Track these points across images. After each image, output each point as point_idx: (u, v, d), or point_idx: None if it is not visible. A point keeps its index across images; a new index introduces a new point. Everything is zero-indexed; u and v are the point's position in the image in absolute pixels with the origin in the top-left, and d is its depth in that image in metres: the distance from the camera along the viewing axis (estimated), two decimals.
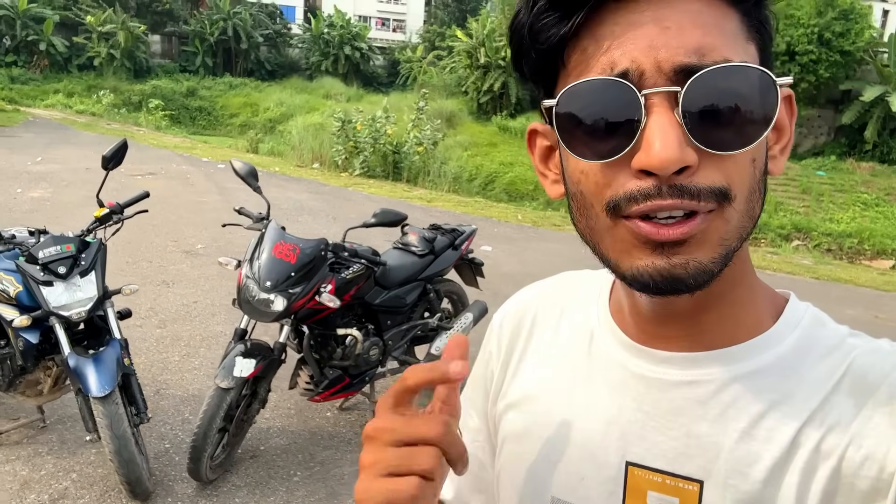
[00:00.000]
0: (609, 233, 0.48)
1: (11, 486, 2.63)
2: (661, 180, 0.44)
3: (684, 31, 0.44)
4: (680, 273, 0.46)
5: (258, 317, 2.65)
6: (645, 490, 0.53)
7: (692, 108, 0.43)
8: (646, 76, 0.44)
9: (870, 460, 0.46)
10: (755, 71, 0.44)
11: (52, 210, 7.01)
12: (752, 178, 0.47)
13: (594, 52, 0.46)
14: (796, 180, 14.14)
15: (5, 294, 2.50)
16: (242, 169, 2.86)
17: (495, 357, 0.67)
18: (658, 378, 0.54)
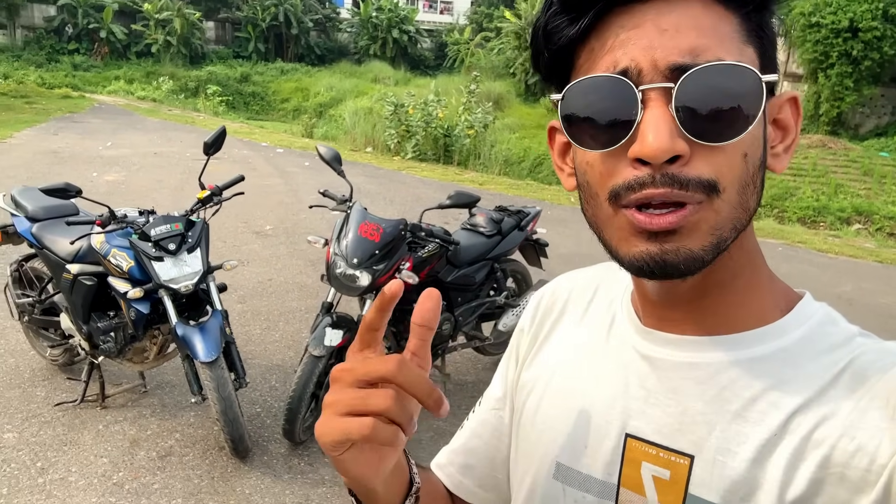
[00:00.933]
0: (610, 221, 0.52)
1: (122, 443, 2.91)
2: (654, 169, 0.47)
3: (681, 33, 0.48)
4: (671, 259, 0.49)
5: (345, 291, 2.85)
6: (640, 461, 0.57)
7: (684, 102, 0.47)
8: (643, 73, 0.48)
9: (861, 452, 0.48)
10: (742, 69, 0.47)
11: (126, 193, 7.39)
12: (745, 172, 0.49)
13: (600, 52, 0.50)
14: (858, 162, 13.64)
15: (119, 269, 2.76)
16: (327, 154, 3.04)
17: (526, 332, 0.73)
18: (662, 358, 0.57)
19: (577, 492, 0.61)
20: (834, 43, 14.00)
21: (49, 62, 23.53)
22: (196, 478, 2.69)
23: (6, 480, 2.61)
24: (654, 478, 0.56)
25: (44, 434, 2.92)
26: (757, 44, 0.51)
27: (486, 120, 12.53)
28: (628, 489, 0.57)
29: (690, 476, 0.53)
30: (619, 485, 0.58)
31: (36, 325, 3.36)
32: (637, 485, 0.57)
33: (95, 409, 3.13)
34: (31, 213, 3.14)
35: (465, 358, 3.95)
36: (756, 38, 0.51)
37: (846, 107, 14.62)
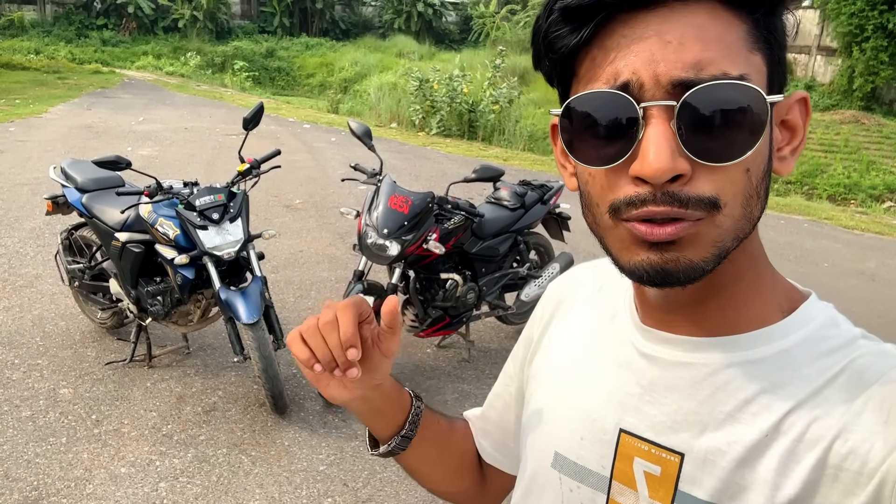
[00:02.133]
0: (611, 231, 0.52)
1: (169, 399, 3.13)
2: (654, 188, 0.47)
3: (685, 45, 0.46)
4: (671, 268, 0.49)
5: (376, 260, 3.01)
6: (633, 456, 0.58)
7: (686, 121, 0.46)
8: (645, 88, 0.47)
9: (853, 454, 0.47)
10: (746, 88, 0.46)
11: (161, 167, 7.60)
12: (747, 185, 0.49)
13: (601, 62, 0.49)
14: (891, 138, 13.36)
15: (166, 237, 2.94)
16: (359, 129, 3.18)
17: (538, 322, 0.75)
18: (659, 357, 0.58)
19: (572, 481, 0.63)
20: (870, 16, 13.63)
21: (78, 38, 23.84)
22: (239, 430, 2.90)
23: (65, 431, 2.84)
24: (645, 473, 0.57)
25: (96, 390, 3.15)
26: (765, 50, 0.49)
27: (511, 95, 12.50)
28: (620, 483, 0.59)
29: (680, 473, 0.54)
30: (612, 478, 0.59)
31: (86, 290, 3.58)
32: (629, 479, 0.58)
33: (143, 368, 3.35)
34: (81, 184, 3.34)
35: (489, 326, 4.10)
36: (765, 43, 0.49)
37: (881, 81, 14.26)
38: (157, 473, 2.61)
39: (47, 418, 2.91)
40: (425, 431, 0.76)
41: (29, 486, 2.50)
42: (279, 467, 2.68)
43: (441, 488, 0.83)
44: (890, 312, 4.91)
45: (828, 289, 5.19)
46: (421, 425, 0.75)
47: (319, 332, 0.61)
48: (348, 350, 0.60)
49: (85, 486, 2.52)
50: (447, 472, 0.82)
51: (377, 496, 2.56)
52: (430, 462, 0.79)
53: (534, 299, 3.78)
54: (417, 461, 0.78)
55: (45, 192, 6.01)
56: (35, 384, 3.17)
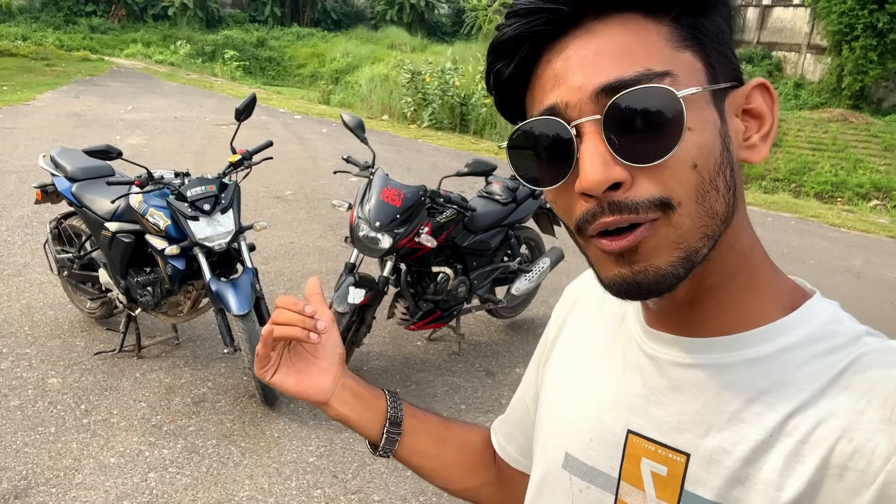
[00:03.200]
0: (586, 249, 0.54)
1: (158, 390, 3.12)
2: (599, 199, 0.49)
3: (602, 55, 0.49)
4: (641, 279, 0.50)
5: (368, 252, 3.01)
6: (640, 457, 0.59)
7: (614, 130, 0.48)
8: (570, 107, 0.49)
9: (858, 454, 0.47)
10: (659, 89, 0.47)
11: (150, 156, 7.54)
12: (699, 181, 0.49)
13: (538, 92, 0.53)
14: (879, 137, 13.48)
15: (156, 227, 2.93)
16: (352, 121, 3.17)
17: (553, 325, 0.77)
18: (664, 358, 0.59)
19: (581, 482, 0.63)
20: (859, 14, 13.72)
21: (67, 24, 23.55)
22: (228, 422, 2.91)
23: (53, 420, 2.84)
24: (652, 473, 0.57)
25: (85, 380, 3.14)
26: (695, 47, 0.50)
27: None
28: (628, 483, 0.59)
29: (686, 473, 0.55)
30: (620, 478, 0.60)
31: (75, 279, 3.56)
32: (636, 479, 0.59)
33: (132, 358, 3.34)
34: (71, 173, 3.32)
35: (479, 320, 4.12)
36: (693, 40, 0.50)
37: (869, 80, 14.38)
38: (146, 464, 2.61)
39: (36, 408, 2.90)
40: (415, 421, 0.79)
41: (18, 475, 2.49)
42: (269, 458, 2.69)
43: (451, 486, 0.84)
44: (875, 310, 4.98)
45: (814, 285, 5.23)
46: (409, 415, 0.78)
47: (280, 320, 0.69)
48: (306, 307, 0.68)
49: (74, 475, 2.52)
50: (450, 467, 0.83)
51: (366, 487, 2.58)
52: (429, 455, 0.81)
53: (524, 293, 3.80)
54: (417, 454, 0.80)
55: (33, 180, 5.96)
56: (24, 374, 3.15)
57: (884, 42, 13.85)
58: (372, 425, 0.77)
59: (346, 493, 2.55)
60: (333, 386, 0.73)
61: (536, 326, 4.15)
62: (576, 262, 5.17)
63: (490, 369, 3.55)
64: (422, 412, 0.82)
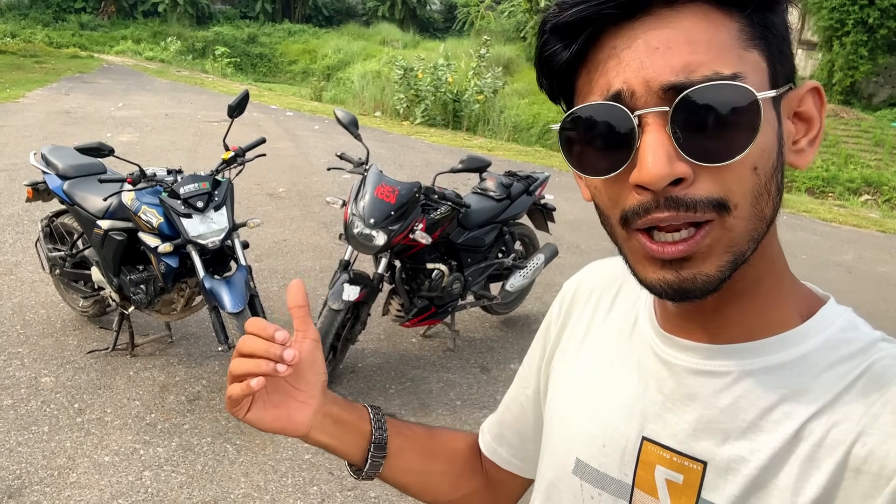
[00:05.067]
0: (626, 243, 0.52)
1: (152, 388, 3.11)
2: (656, 194, 0.47)
3: (672, 50, 0.47)
4: (689, 286, 0.49)
5: (362, 249, 3.01)
6: (654, 464, 0.58)
7: (681, 124, 0.46)
8: (637, 96, 0.47)
9: (872, 456, 0.47)
10: (736, 87, 0.46)
11: (141, 154, 7.48)
12: (756, 183, 0.48)
13: (595, 75, 0.50)
14: (869, 132, 13.57)
15: (149, 225, 2.92)
16: (345, 118, 3.16)
17: (555, 322, 0.74)
18: (679, 365, 0.57)
19: (593, 488, 0.62)
20: (850, 10, 13.80)
21: (56, 21, 23.36)
22: (223, 419, 2.90)
23: (47, 419, 2.82)
24: (667, 481, 0.57)
25: (79, 379, 3.12)
26: (762, 46, 0.49)
27: (496, 85, 12.50)
28: (642, 491, 0.58)
29: (703, 482, 0.54)
30: (634, 486, 0.59)
31: (67, 278, 3.54)
32: (651, 487, 0.58)
33: (126, 357, 3.33)
34: (62, 170, 3.29)
35: (474, 316, 4.13)
36: (761, 39, 0.49)
37: (860, 76, 14.46)
38: (141, 462, 2.60)
39: (29, 407, 2.89)
40: (400, 439, 0.75)
41: (11, 474, 2.48)
42: (264, 456, 2.69)
43: (440, 499, 0.82)
44: (866, 304, 5.01)
45: (805, 280, 5.25)
46: (393, 433, 0.75)
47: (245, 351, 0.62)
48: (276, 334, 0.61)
49: (68, 474, 2.50)
50: (438, 480, 0.81)
51: (363, 484, 2.58)
52: (416, 472, 0.78)
53: (518, 290, 3.81)
54: (403, 473, 0.77)
55: (23, 178, 5.91)
56: (16, 373, 3.13)
57: (874, 38, 13.93)
58: (355, 450, 0.73)
59: (343, 490, 2.55)
60: (314, 418, 0.68)
61: (531, 322, 4.16)
62: (570, 258, 5.18)
63: (485, 365, 3.56)
64: (406, 427, 0.78)
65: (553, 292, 4.60)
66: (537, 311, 4.32)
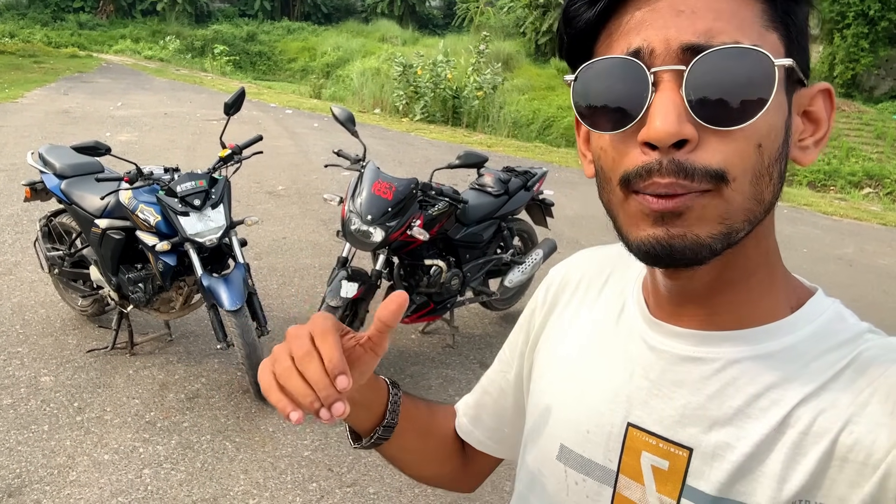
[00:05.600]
0: (622, 206, 0.52)
1: (152, 387, 3.11)
2: (661, 154, 0.47)
3: (696, 14, 0.47)
4: (677, 244, 0.48)
5: (360, 246, 3.00)
6: (640, 450, 0.58)
7: (695, 86, 0.46)
8: (655, 54, 0.48)
9: (859, 445, 0.48)
10: (755, 53, 0.46)
11: (140, 153, 7.49)
12: (758, 162, 0.48)
13: (616, 35, 0.50)
14: (871, 125, 13.53)
15: (147, 223, 2.92)
16: (342, 115, 3.16)
17: (540, 308, 0.74)
18: (667, 351, 0.58)
19: (577, 474, 0.62)
20: (851, 2, 13.76)
21: (54, 20, 23.35)
22: (223, 417, 2.90)
23: (47, 418, 2.82)
24: (652, 467, 0.57)
25: (78, 378, 3.13)
26: (782, 30, 0.49)
27: (496, 81, 12.48)
28: (627, 476, 0.59)
29: (689, 468, 0.54)
30: (619, 471, 0.59)
31: (66, 277, 3.55)
32: (636, 473, 0.58)
33: (125, 355, 3.33)
34: (59, 170, 3.29)
35: (473, 312, 4.13)
36: (781, 24, 0.49)
37: (861, 69, 14.43)
38: (140, 460, 2.60)
39: (29, 406, 2.89)
40: (406, 421, 0.75)
41: (11, 473, 2.48)
42: (264, 453, 2.69)
43: (423, 474, 0.83)
44: (866, 297, 5.01)
45: (806, 274, 5.16)
46: (401, 414, 0.74)
47: (296, 369, 0.53)
48: (338, 378, 0.52)
49: (68, 473, 2.51)
50: (429, 459, 0.82)
51: (362, 480, 2.58)
52: (412, 450, 0.79)
53: (517, 285, 3.81)
54: (400, 450, 0.78)
55: (22, 178, 5.90)
56: (16, 372, 3.13)
57: (875, 30, 13.89)
58: (362, 425, 0.73)
59: (342, 486, 2.55)
60: None
61: None
62: (569, 253, 5.16)
63: (484, 361, 3.56)
64: (414, 407, 0.78)
65: None
66: None
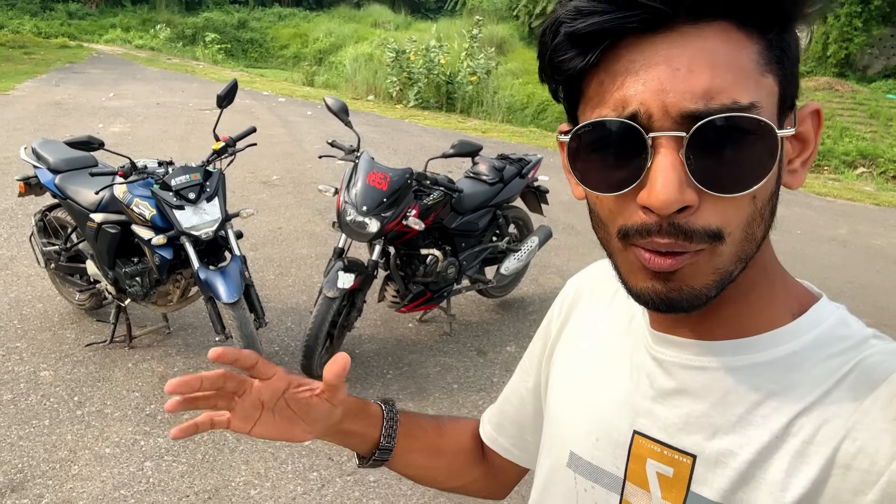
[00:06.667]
0: (620, 254, 0.52)
1: (151, 379, 3.13)
2: (661, 217, 0.47)
3: (694, 73, 0.45)
4: (675, 297, 0.50)
5: (356, 237, 3.01)
6: (646, 458, 0.59)
7: (695, 152, 0.46)
8: (653, 119, 0.46)
9: (862, 453, 0.48)
10: (757, 121, 0.46)
11: (133, 144, 7.47)
12: (752, 212, 0.49)
13: (609, 87, 0.49)
14: (864, 104, 13.52)
15: (142, 217, 2.92)
16: (335, 105, 3.15)
17: (556, 319, 0.76)
18: (671, 360, 0.59)
19: (586, 481, 0.64)
20: None
21: (43, 10, 23.08)
22: None
23: (47, 413, 2.84)
24: (658, 474, 0.58)
25: (77, 372, 3.14)
26: (777, 70, 0.48)
27: (489, 66, 12.41)
28: (633, 483, 0.60)
29: (692, 474, 0.55)
30: (626, 479, 0.60)
31: (62, 271, 3.55)
32: (642, 480, 0.59)
33: (124, 349, 3.34)
34: (53, 164, 3.28)
35: (469, 300, 4.15)
36: (777, 63, 0.48)
37: (854, 48, 14.39)
38: (142, 453, 2.63)
39: (29, 401, 2.91)
40: (408, 440, 0.78)
41: (14, 468, 2.50)
42: (264, 444, 2.72)
43: (442, 487, 0.86)
44: (860, 277, 5.05)
45: (800, 255, 5.31)
46: (402, 434, 0.77)
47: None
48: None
49: (70, 466, 2.53)
50: (444, 474, 0.84)
51: (361, 469, 2.61)
52: (423, 467, 0.82)
53: (513, 272, 3.83)
54: (408, 468, 0.81)
55: (14, 172, 5.89)
56: (15, 367, 3.15)
57: (868, 8, 13.84)
58: (360, 449, 0.77)
59: (342, 475, 2.58)
60: (317, 436, 0.71)
61: (527, 305, 4.18)
62: (565, 239, 5.19)
63: (481, 348, 3.58)
64: (417, 426, 0.81)
65: (548, 274, 4.62)
66: (533, 293, 4.34)
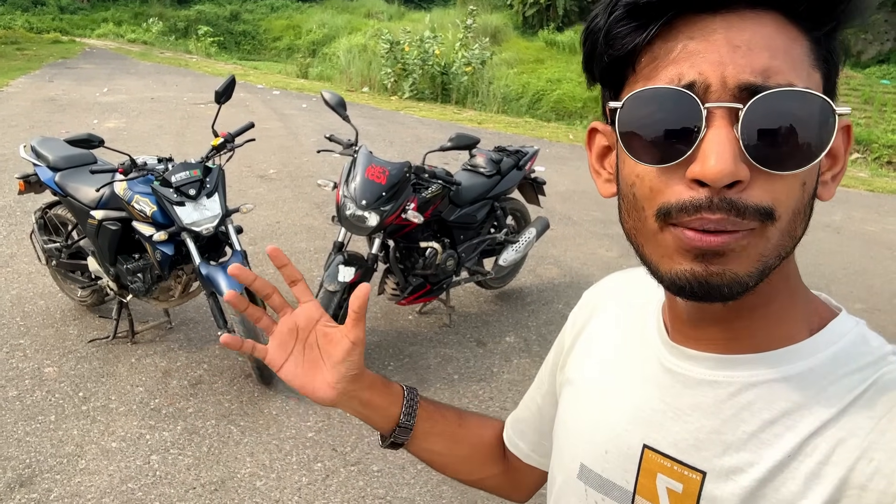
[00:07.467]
0: (654, 237, 0.50)
1: (155, 374, 3.17)
2: (712, 192, 0.46)
3: (753, 51, 0.46)
4: (715, 281, 0.48)
5: (355, 231, 3.04)
6: (655, 472, 0.58)
7: (751, 126, 0.45)
8: (711, 90, 0.46)
9: (878, 474, 0.47)
10: (817, 98, 0.46)
11: (129, 139, 7.45)
12: (800, 200, 0.48)
13: (664, 61, 0.48)
14: (858, 90, 13.55)
15: (143, 214, 2.94)
16: (332, 99, 3.17)
17: (570, 329, 0.76)
18: (684, 374, 0.58)
19: (597, 494, 0.63)
20: None
21: (35, 5, 22.89)
22: (226, 402, 2.96)
23: (53, 409, 2.87)
24: (667, 489, 0.57)
25: (81, 368, 3.17)
26: (823, 69, 0.49)
27: (484, 56, 12.39)
28: (643, 498, 0.59)
29: (702, 491, 0.54)
30: (635, 492, 0.60)
31: (64, 268, 3.57)
32: (652, 494, 0.58)
33: (126, 344, 3.38)
34: (53, 162, 3.30)
35: (468, 292, 4.18)
36: (823, 63, 0.49)
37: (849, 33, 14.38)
38: (148, 447, 2.66)
39: (34, 397, 2.94)
40: (428, 423, 0.80)
41: (21, 463, 2.54)
42: (268, 436, 2.76)
43: (460, 477, 0.87)
44: (854, 264, 5.10)
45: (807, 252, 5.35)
46: (422, 418, 0.79)
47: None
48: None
49: (77, 461, 2.57)
50: (462, 462, 0.86)
51: (365, 459, 2.66)
52: (441, 453, 0.84)
53: (511, 264, 3.86)
54: (426, 452, 0.83)
55: (11, 169, 5.90)
56: (19, 364, 3.18)
57: None
58: (381, 426, 0.79)
59: (346, 465, 2.62)
60: (337, 398, 0.73)
61: (525, 296, 4.22)
62: (562, 230, 5.23)
63: (481, 339, 3.62)
64: (438, 413, 0.82)
65: (546, 265, 4.66)
66: (531, 284, 4.38)
